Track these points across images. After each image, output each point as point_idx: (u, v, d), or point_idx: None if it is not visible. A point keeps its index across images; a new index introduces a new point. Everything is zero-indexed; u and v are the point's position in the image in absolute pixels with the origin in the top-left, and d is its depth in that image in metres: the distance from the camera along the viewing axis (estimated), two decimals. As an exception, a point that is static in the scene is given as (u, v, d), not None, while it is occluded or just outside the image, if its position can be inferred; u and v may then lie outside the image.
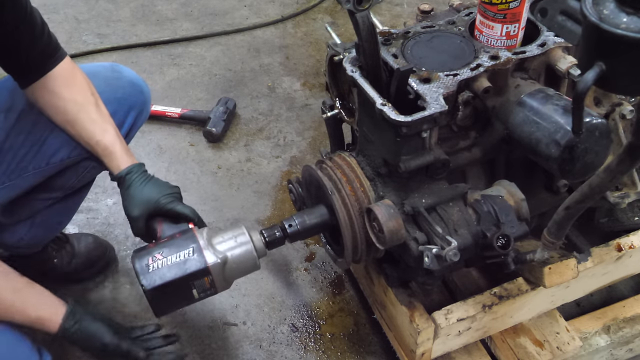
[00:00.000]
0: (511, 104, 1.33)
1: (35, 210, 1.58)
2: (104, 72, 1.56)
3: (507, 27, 1.34)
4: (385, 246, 1.29)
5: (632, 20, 0.79)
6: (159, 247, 1.30)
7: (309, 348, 1.76)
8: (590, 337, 1.61)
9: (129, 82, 1.57)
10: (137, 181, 1.37)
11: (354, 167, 1.42)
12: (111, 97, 1.51)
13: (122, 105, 1.54)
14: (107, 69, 1.58)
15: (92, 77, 1.51)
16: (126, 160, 1.39)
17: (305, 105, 2.54)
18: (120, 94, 1.54)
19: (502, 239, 1.25)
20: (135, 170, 1.38)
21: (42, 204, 1.57)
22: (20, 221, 1.59)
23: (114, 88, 1.53)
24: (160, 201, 1.36)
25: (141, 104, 1.58)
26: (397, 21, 2.93)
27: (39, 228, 1.62)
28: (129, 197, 1.37)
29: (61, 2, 3.13)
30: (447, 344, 1.50)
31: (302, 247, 2.01)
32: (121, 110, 1.53)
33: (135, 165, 1.39)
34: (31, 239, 1.63)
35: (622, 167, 0.97)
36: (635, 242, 1.56)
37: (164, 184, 1.41)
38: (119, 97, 1.53)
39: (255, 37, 2.91)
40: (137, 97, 1.57)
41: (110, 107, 1.48)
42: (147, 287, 1.24)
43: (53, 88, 1.37)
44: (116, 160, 1.39)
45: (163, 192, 1.37)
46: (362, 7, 1.19)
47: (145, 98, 1.60)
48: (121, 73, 1.58)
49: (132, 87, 1.57)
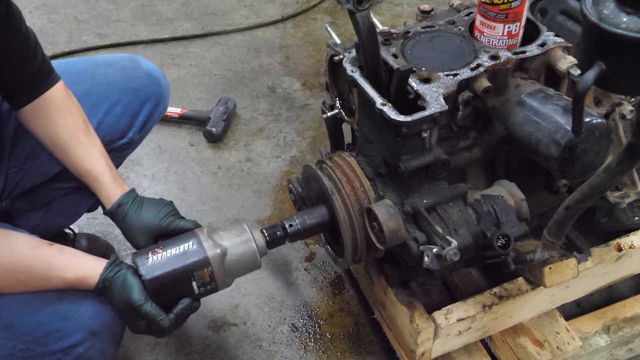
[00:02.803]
0: (511, 104, 1.33)
1: (50, 199, 1.57)
2: (122, 61, 1.55)
3: (508, 27, 1.34)
4: (385, 246, 1.29)
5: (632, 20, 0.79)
6: (159, 244, 1.30)
7: (309, 348, 1.76)
8: (590, 337, 1.61)
9: (146, 72, 1.55)
10: (130, 211, 1.34)
11: (354, 167, 1.42)
12: (127, 87, 1.50)
13: (138, 95, 1.52)
14: (125, 58, 1.56)
15: (109, 66, 1.51)
16: (116, 190, 1.37)
17: (305, 105, 2.54)
18: (136, 84, 1.52)
19: (502, 239, 1.25)
20: (126, 201, 1.35)
21: (57, 193, 1.56)
22: (35, 208, 1.58)
23: (130, 78, 1.52)
24: (161, 224, 1.35)
25: (158, 96, 1.56)
26: (397, 21, 2.93)
27: (54, 215, 1.61)
28: (128, 229, 1.35)
29: (61, 2, 3.13)
30: (447, 344, 1.50)
31: (302, 247, 2.01)
32: (136, 100, 1.52)
33: (124, 196, 1.36)
34: (47, 226, 1.61)
35: (622, 167, 0.97)
36: (635, 242, 1.56)
37: (157, 205, 1.38)
38: (135, 87, 1.52)
39: (255, 37, 2.91)
40: (153, 88, 1.55)
41: (125, 97, 1.48)
42: (147, 277, 1.23)
43: (45, 112, 1.35)
44: (105, 191, 1.37)
45: (160, 215, 1.36)
46: (362, 7, 1.19)
47: (162, 91, 1.58)
48: (139, 64, 1.56)
49: (149, 78, 1.55)
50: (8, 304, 1.19)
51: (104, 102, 1.49)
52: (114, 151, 1.53)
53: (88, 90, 1.48)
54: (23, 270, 1.20)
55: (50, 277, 1.22)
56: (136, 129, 1.55)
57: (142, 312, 1.22)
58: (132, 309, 1.23)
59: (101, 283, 1.23)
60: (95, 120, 1.46)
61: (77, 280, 1.23)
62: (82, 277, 1.23)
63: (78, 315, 1.22)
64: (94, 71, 1.52)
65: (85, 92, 1.47)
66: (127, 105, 1.48)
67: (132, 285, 1.22)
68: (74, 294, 1.24)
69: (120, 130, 1.53)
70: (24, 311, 1.20)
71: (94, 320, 1.23)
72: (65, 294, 1.23)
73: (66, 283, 1.22)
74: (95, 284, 1.23)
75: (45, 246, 1.25)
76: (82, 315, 1.23)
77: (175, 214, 1.38)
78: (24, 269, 1.20)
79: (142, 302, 1.22)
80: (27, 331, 1.19)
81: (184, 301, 1.27)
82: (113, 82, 1.49)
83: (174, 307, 1.26)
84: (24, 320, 1.20)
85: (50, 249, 1.25)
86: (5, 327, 1.19)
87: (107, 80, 1.51)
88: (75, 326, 1.22)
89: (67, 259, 1.25)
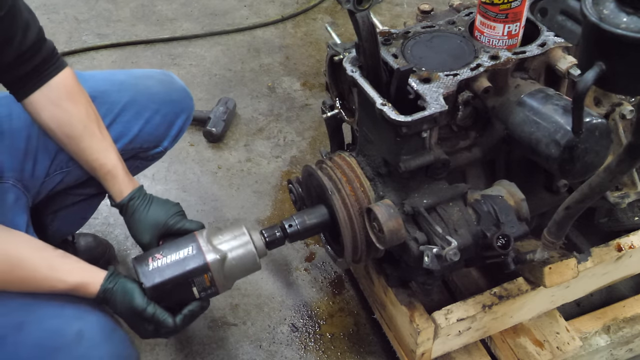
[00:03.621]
0: (511, 104, 1.33)
1: (62, 205, 1.58)
2: (158, 75, 1.60)
3: (508, 27, 1.34)
4: (385, 246, 1.29)
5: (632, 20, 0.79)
6: (159, 249, 1.31)
7: (309, 348, 1.76)
8: (590, 337, 1.61)
9: (181, 87, 1.62)
10: (140, 206, 1.35)
11: (354, 167, 1.42)
12: (166, 99, 1.55)
13: (175, 107, 1.57)
14: (160, 73, 1.62)
15: (147, 78, 1.56)
16: (127, 185, 1.37)
17: (305, 105, 2.54)
18: (175, 96, 1.58)
19: (502, 239, 1.25)
20: (137, 196, 1.37)
21: (72, 200, 1.57)
22: (44, 215, 1.59)
23: (169, 90, 1.57)
24: (168, 223, 1.36)
25: (189, 109, 1.63)
26: (397, 21, 2.93)
27: (61, 222, 1.62)
28: (136, 224, 1.36)
29: (61, 2, 3.13)
30: (447, 344, 1.50)
31: (302, 247, 2.01)
32: (173, 112, 1.57)
33: (136, 190, 1.37)
34: (55, 231, 1.62)
35: (622, 167, 0.97)
36: (635, 242, 1.56)
37: (165, 203, 1.40)
38: (174, 99, 1.58)
39: (255, 37, 2.91)
40: (187, 102, 1.62)
41: (164, 107, 1.53)
42: (147, 285, 1.24)
43: (57, 100, 1.33)
44: (118, 184, 1.37)
45: (168, 214, 1.37)
46: (362, 7, 1.19)
47: (192, 104, 1.65)
48: (173, 78, 1.63)
49: (184, 92, 1.62)
50: (25, 341, 1.19)
51: (146, 110, 1.53)
52: (146, 159, 1.59)
53: (132, 98, 1.51)
54: (27, 270, 1.20)
55: (52, 279, 1.22)
56: (170, 138, 1.60)
57: (147, 315, 1.23)
58: (136, 314, 1.23)
59: (102, 293, 1.24)
60: (137, 127, 1.51)
61: (79, 285, 1.23)
62: (84, 283, 1.24)
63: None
64: (136, 82, 1.56)
65: (129, 100, 1.51)
66: (165, 115, 1.53)
67: (132, 292, 1.24)
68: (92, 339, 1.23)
69: (157, 138, 1.57)
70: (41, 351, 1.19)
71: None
72: (83, 337, 1.21)
73: (67, 286, 1.23)
74: (96, 292, 1.24)
75: (50, 249, 1.25)
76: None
77: (182, 214, 1.40)
78: (28, 268, 1.21)
79: (145, 305, 1.23)
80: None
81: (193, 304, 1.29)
82: (154, 92, 1.54)
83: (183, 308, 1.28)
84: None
85: (55, 252, 1.25)
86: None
87: (149, 91, 1.55)
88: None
89: (71, 263, 1.26)
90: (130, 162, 1.52)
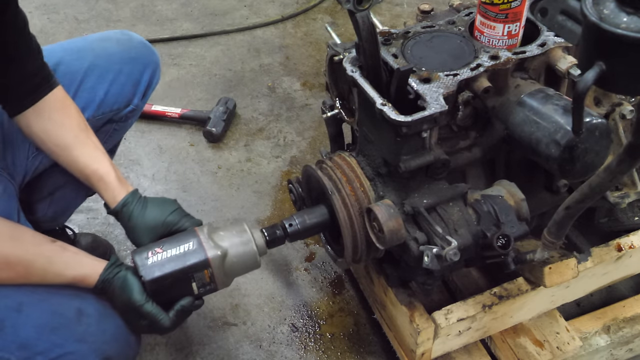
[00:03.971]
0: (511, 104, 1.33)
1: (57, 185, 1.59)
2: (115, 35, 1.61)
3: (508, 27, 1.34)
4: (385, 246, 1.29)
5: (632, 20, 0.79)
6: (159, 243, 1.30)
7: (309, 348, 1.76)
8: (590, 337, 1.61)
9: (140, 42, 1.62)
10: (135, 211, 1.34)
11: (354, 167, 1.42)
12: (125, 57, 1.56)
13: (137, 64, 1.58)
14: (117, 33, 1.63)
15: (104, 41, 1.57)
16: (120, 191, 1.36)
17: (305, 105, 2.54)
18: (134, 53, 1.58)
19: (502, 239, 1.25)
20: (131, 201, 1.35)
21: (63, 178, 1.56)
22: (42, 198, 1.60)
23: (127, 48, 1.58)
24: (166, 222, 1.35)
25: (154, 63, 1.63)
26: (397, 21, 2.93)
27: (58, 203, 1.63)
28: (133, 230, 1.35)
29: (61, 2, 3.13)
30: (447, 344, 1.50)
31: (302, 247, 2.01)
32: (136, 69, 1.58)
33: (129, 195, 1.36)
34: (54, 213, 1.64)
35: (622, 167, 0.97)
36: (635, 242, 1.56)
37: (161, 203, 1.38)
38: (133, 56, 1.58)
39: (255, 37, 2.91)
40: (150, 56, 1.62)
41: (126, 66, 1.54)
42: (147, 278, 1.23)
43: (49, 114, 1.36)
44: (111, 191, 1.36)
45: (165, 214, 1.35)
46: (362, 7, 1.19)
47: (157, 58, 1.65)
48: (131, 35, 1.63)
49: (144, 46, 1.62)
50: (25, 322, 1.19)
51: (108, 72, 1.54)
52: (121, 120, 1.60)
53: (92, 63, 1.52)
54: (24, 264, 1.21)
55: (50, 272, 1.22)
56: (140, 94, 1.60)
57: (143, 312, 1.23)
58: (133, 309, 1.23)
59: (100, 284, 1.24)
60: (102, 91, 1.52)
61: (77, 278, 1.23)
62: (82, 276, 1.24)
63: (94, 339, 1.23)
64: (93, 46, 1.57)
65: (89, 65, 1.52)
66: (129, 74, 1.54)
67: (131, 286, 1.23)
68: (92, 316, 1.24)
69: (126, 98, 1.58)
70: (41, 330, 1.20)
71: (109, 346, 1.24)
72: (83, 315, 1.23)
73: (65, 280, 1.23)
74: (94, 284, 1.24)
75: (49, 243, 1.25)
76: (98, 339, 1.23)
77: (180, 211, 1.38)
78: (26, 263, 1.21)
79: (143, 302, 1.23)
80: (41, 351, 1.19)
81: (185, 299, 1.28)
82: (112, 53, 1.55)
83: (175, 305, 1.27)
84: (40, 339, 1.20)
85: (53, 246, 1.25)
86: (20, 346, 1.18)
87: (108, 52, 1.56)
88: (90, 350, 1.22)
89: (69, 256, 1.26)
90: (107, 126, 1.55)
